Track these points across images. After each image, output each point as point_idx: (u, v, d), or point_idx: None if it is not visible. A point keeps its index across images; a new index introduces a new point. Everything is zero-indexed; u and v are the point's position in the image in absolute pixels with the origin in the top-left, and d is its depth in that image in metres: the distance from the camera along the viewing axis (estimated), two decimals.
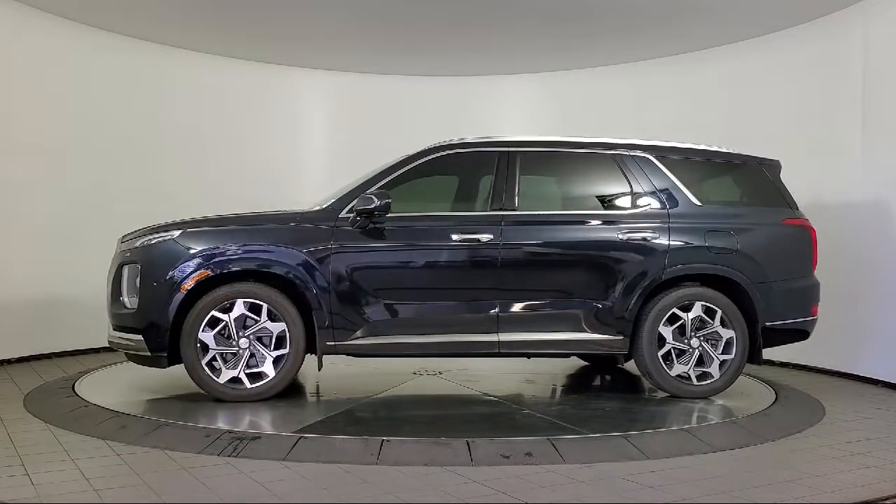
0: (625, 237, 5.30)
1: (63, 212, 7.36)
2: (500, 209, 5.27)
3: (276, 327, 5.03)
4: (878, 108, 6.40)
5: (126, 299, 5.16)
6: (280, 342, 5.06)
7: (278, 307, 5.02)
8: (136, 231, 5.43)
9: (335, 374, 6.39)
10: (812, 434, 4.70)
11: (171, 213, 6.59)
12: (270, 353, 5.03)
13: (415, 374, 6.21)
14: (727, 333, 5.31)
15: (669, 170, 5.52)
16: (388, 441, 4.07)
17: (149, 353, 5.02)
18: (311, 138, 9.18)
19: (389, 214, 5.14)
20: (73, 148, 7.48)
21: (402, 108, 9.09)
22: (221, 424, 4.44)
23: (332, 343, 5.09)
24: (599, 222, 5.37)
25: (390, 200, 5.04)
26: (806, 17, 7.01)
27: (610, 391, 5.92)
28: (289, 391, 5.67)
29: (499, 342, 5.17)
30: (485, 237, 5.17)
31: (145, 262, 5.09)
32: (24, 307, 7.02)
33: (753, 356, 5.42)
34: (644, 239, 5.30)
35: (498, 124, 8.37)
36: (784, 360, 7.11)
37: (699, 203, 5.49)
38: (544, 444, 4.11)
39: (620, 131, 6.35)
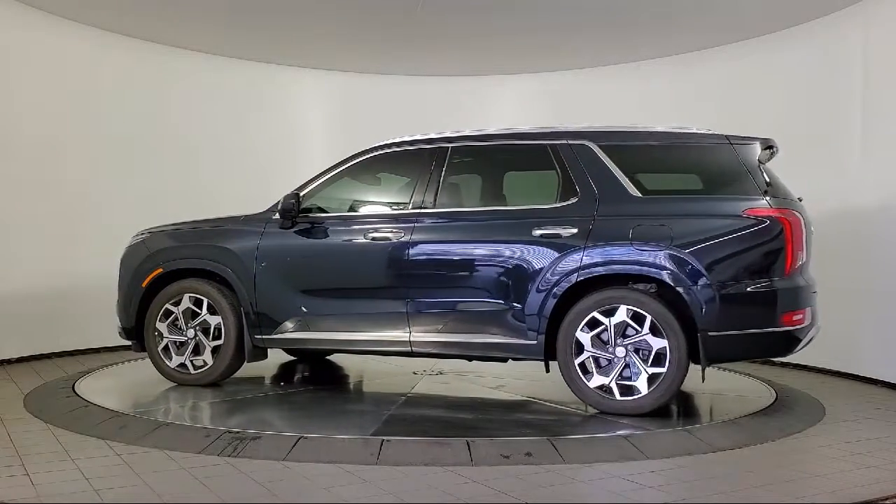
0: (539, 234, 4.88)
1: (63, 212, 7.36)
2: (420, 207, 5.19)
3: (214, 320, 5.47)
4: (878, 107, 6.40)
5: (117, 293, 5.84)
6: (219, 333, 5.47)
7: (215, 302, 5.46)
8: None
9: (335, 374, 6.40)
10: (812, 434, 4.69)
11: (169, 212, 6.60)
12: (209, 343, 5.48)
13: (415, 373, 6.21)
14: (658, 343, 4.63)
15: (610, 157, 4.95)
16: (388, 441, 4.07)
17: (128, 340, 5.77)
18: (311, 138, 9.17)
19: (319, 215, 5.42)
20: (73, 147, 7.47)
21: (402, 108, 9.07)
22: (221, 424, 4.44)
23: (260, 337, 5.39)
24: (515, 219, 5.02)
25: (294, 201, 5.30)
26: (806, 17, 7.00)
27: None
28: (289, 391, 5.70)
29: (410, 342, 5.10)
30: (396, 236, 5.13)
31: (123, 260, 5.84)
32: (25, 307, 7.01)
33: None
34: (558, 235, 4.84)
35: (497, 124, 8.35)
36: (784, 359, 7.10)
37: (638, 194, 4.86)
38: (544, 444, 4.11)
39: None
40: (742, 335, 4.63)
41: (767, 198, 4.73)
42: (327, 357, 6.92)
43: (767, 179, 4.85)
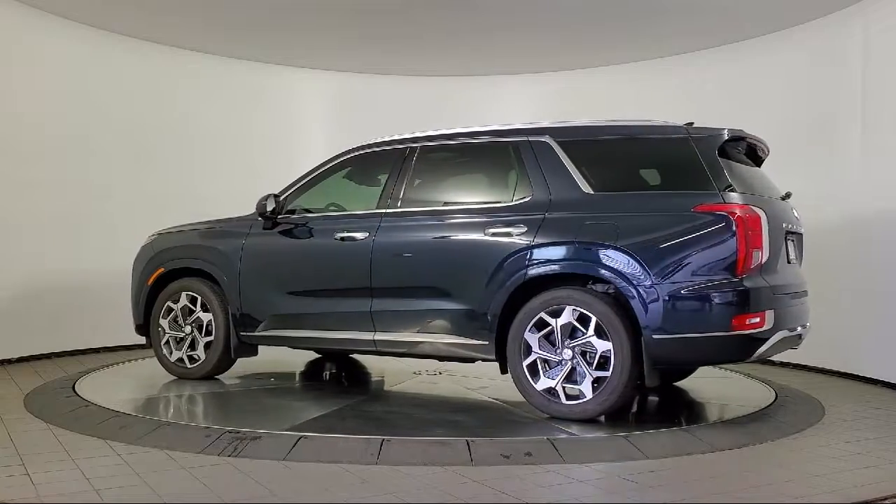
0: (492, 233, 4.80)
1: (64, 212, 7.35)
2: (384, 207, 5.22)
3: (207, 317, 5.73)
4: (878, 107, 6.40)
5: (130, 292, 6.16)
6: (211, 330, 5.71)
7: (207, 300, 5.72)
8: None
9: (335, 374, 6.40)
10: (812, 434, 4.69)
11: (169, 212, 6.62)
12: (202, 338, 5.74)
13: (415, 373, 6.21)
14: (603, 345, 4.45)
15: (567, 153, 4.82)
16: (388, 441, 4.07)
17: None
18: (311, 138, 9.18)
19: (296, 216, 5.54)
20: (72, 148, 7.47)
21: (401, 108, 9.08)
22: (221, 424, 4.44)
23: (245, 334, 5.60)
24: (469, 218, 4.94)
25: (266, 203, 5.45)
26: (806, 17, 7.01)
27: None
28: (289, 390, 5.70)
29: (375, 340, 5.14)
30: (361, 236, 5.18)
31: (135, 260, 6.16)
32: (25, 307, 7.02)
33: (644, 376, 4.47)
34: (507, 235, 4.74)
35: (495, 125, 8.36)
36: (784, 359, 7.10)
37: (591, 191, 4.69)
38: (544, 444, 4.11)
39: None
40: (688, 338, 4.37)
41: (723, 193, 4.43)
42: (350, 355, 6.86)
43: (727, 173, 4.52)
